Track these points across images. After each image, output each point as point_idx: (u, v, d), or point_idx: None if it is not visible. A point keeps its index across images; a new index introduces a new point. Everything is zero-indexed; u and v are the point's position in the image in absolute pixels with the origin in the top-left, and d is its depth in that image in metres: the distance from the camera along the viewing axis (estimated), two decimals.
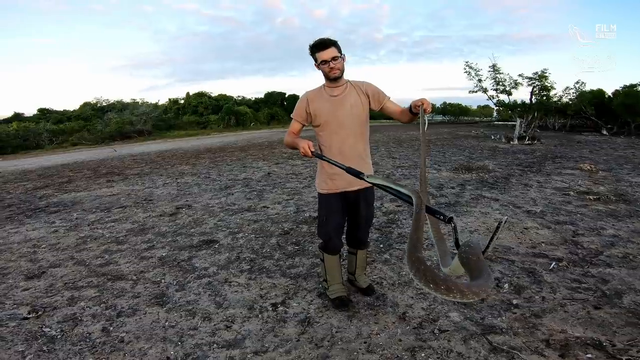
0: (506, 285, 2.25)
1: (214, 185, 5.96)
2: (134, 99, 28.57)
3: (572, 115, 18.54)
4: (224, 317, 2.00)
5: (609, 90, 17.85)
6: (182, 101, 32.44)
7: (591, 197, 4.33)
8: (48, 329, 1.96)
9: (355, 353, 1.65)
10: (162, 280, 2.53)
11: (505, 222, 1.04)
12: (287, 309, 2.07)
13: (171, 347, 1.76)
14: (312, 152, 1.72)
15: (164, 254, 3.04)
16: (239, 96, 34.69)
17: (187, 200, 4.99)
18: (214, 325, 1.93)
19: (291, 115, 1.96)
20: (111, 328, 1.96)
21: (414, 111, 1.68)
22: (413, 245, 0.85)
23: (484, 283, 0.77)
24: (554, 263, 2.55)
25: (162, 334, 1.87)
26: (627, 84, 16.38)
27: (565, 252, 2.76)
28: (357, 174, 1.59)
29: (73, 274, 2.71)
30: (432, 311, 1.99)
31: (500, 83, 13.70)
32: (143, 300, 2.26)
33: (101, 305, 2.21)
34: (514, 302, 2.05)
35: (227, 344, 1.76)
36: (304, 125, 1.96)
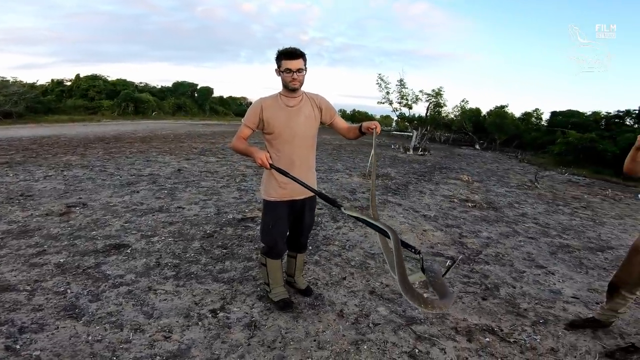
0: (417, 282, 2.64)
1: (113, 181, 5.26)
2: (2, 77, 22.65)
3: (455, 130, 22.00)
4: (159, 328, 1.87)
5: (484, 110, 21.93)
6: (69, 83, 27.21)
7: (469, 204, 5.31)
8: None
9: (308, 351, 1.75)
10: (68, 290, 2.20)
11: (460, 259, 1.51)
12: (229, 314, 2.04)
13: None
14: (270, 164, 1.75)
15: (61, 260, 2.62)
16: (141, 82, 30.87)
17: (80, 198, 4.31)
18: (150, 336, 1.79)
19: (242, 120, 1.94)
20: (17, 346, 1.66)
21: (364, 132, 1.87)
22: (403, 275, 1.21)
23: (449, 300, 1.21)
24: (448, 261, 3.08)
25: (89, 349, 1.66)
26: (499, 105, 20.43)
27: (456, 252, 3.35)
28: (334, 203, 1.67)
29: None
30: (364, 307, 2.22)
31: (405, 97, 15.43)
32: (49, 313, 1.94)
33: None
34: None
35: (172, 355, 1.66)
36: (253, 131, 1.96)
